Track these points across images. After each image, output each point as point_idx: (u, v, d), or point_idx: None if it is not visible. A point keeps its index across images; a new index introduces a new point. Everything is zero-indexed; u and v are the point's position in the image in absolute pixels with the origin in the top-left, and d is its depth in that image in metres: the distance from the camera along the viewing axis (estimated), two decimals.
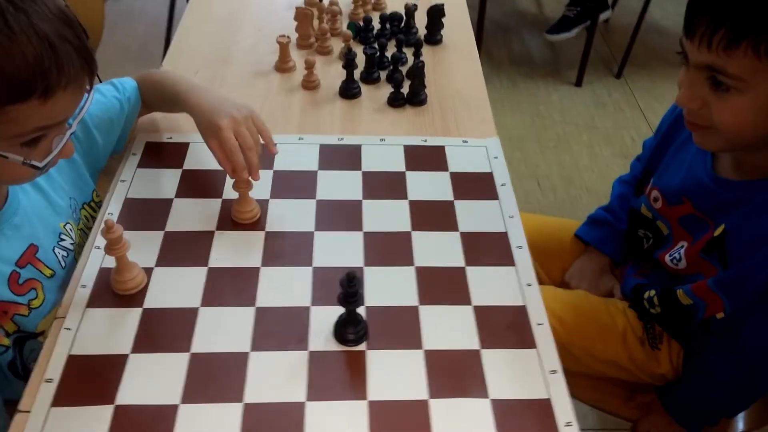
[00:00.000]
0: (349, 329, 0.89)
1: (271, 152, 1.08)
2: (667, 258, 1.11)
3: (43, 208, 0.98)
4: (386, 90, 1.34)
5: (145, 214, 1.05)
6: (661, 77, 3.04)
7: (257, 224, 1.05)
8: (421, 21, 1.49)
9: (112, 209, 1.05)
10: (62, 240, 0.99)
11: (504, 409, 0.82)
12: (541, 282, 1.01)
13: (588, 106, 2.91)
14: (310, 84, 1.34)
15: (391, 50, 1.41)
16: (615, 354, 1.18)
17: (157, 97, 1.16)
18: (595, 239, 1.32)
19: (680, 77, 0.94)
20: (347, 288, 0.84)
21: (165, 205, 1.07)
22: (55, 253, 0.97)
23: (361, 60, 1.36)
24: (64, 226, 1.00)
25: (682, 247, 1.10)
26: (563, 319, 1.16)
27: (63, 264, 0.98)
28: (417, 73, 1.29)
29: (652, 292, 1.13)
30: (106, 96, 1.11)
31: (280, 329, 0.90)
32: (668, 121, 1.17)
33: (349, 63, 1.29)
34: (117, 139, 1.15)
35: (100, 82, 1.06)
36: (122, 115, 1.13)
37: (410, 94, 1.31)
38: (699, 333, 1.10)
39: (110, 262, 0.96)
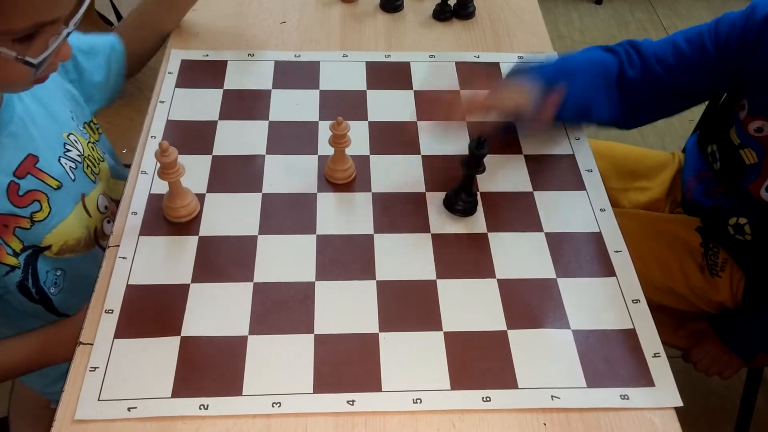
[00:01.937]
0: (462, 196, 0.88)
1: None
2: (764, 194, 1.04)
3: (42, 117, 0.91)
4: (430, 2, 1.26)
5: (190, 136, 0.99)
6: None
7: (308, 147, 0.99)
8: None
9: (155, 131, 0.99)
10: (68, 150, 0.93)
11: (587, 340, 0.78)
12: None
13: (609, 26, 2.80)
14: None
15: None
16: (672, 281, 1.15)
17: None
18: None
19: None
20: (475, 150, 0.83)
21: (210, 127, 1.01)
22: (61, 163, 0.91)
23: None
24: (68, 136, 0.94)
25: None
26: None
27: (72, 176, 0.92)
28: None
29: (743, 220, 1.09)
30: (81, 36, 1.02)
31: (343, 258, 0.86)
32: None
33: None
34: (107, 78, 1.06)
35: None
36: (102, 54, 1.05)
37: (458, 6, 1.22)
38: None
39: (160, 188, 0.90)
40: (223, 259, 0.85)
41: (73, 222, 0.92)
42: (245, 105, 1.05)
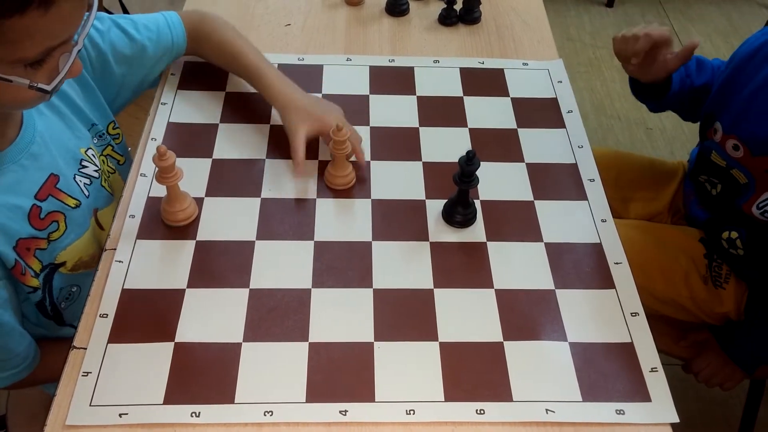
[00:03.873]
0: (459, 209, 0.88)
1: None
2: (756, 211, 1.05)
3: (62, 132, 0.89)
4: (436, 6, 1.25)
5: (190, 139, 0.99)
6: None
7: (309, 152, 0.98)
8: None
9: (156, 134, 0.99)
10: (84, 167, 0.91)
11: (584, 353, 0.78)
12: None
13: (620, 29, 2.74)
14: None
15: None
16: (676, 293, 1.13)
17: (222, 60, 1.05)
18: None
19: None
20: (466, 166, 0.83)
21: (210, 131, 1.00)
22: (76, 181, 0.90)
23: None
24: (86, 152, 0.92)
25: None
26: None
27: (86, 193, 0.91)
28: None
29: (734, 234, 1.08)
30: (140, 33, 0.99)
31: (341, 265, 0.85)
32: (738, 60, 1.06)
33: None
34: (145, 77, 1.04)
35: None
36: (152, 57, 1.01)
37: (463, 11, 1.22)
38: None
39: (158, 190, 0.90)
40: (220, 264, 0.84)
41: (87, 238, 0.91)
42: (247, 108, 1.04)
